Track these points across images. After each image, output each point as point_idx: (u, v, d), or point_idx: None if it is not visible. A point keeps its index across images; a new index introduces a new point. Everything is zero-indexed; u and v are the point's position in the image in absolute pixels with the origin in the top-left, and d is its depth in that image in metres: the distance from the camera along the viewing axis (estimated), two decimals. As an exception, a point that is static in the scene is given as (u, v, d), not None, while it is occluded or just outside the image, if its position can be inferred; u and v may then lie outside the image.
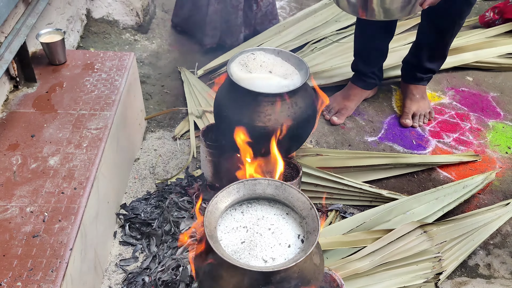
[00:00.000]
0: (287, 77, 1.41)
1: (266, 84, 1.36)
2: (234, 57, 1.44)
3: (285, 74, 1.42)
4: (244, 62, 1.45)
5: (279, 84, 1.37)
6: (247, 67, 1.43)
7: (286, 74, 1.42)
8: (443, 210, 1.68)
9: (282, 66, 1.45)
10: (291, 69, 1.44)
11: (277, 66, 1.44)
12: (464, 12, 1.83)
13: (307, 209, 1.09)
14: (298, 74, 1.43)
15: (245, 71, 1.41)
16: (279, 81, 1.38)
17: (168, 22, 2.75)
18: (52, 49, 1.71)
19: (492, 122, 2.16)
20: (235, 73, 1.39)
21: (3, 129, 1.48)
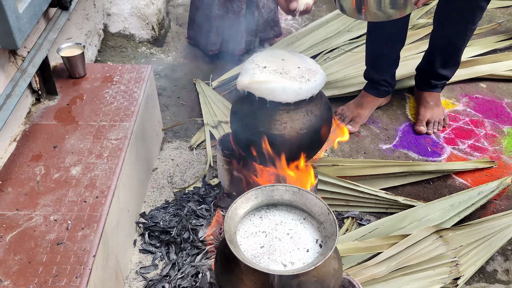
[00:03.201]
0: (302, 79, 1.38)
1: (281, 89, 1.33)
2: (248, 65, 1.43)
3: (301, 76, 1.39)
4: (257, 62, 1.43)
5: (295, 90, 1.35)
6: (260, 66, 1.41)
7: (302, 76, 1.39)
8: (459, 215, 1.68)
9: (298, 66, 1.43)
10: (306, 70, 1.42)
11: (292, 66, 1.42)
12: (476, 17, 1.85)
13: (325, 214, 1.11)
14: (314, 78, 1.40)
15: (259, 72, 1.39)
16: (295, 86, 1.36)
17: (182, 35, 2.80)
18: (72, 63, 1.76)
19: (507, 128, 2.16)
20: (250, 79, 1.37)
21: (26, 141, 1.53)
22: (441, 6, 1.90)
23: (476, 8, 1.81)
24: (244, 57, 2.50)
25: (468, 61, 2.48)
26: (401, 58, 2.28)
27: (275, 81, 1.34)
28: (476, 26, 1.90)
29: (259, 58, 1.44)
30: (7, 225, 1.26)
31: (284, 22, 2.94)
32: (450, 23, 1.89)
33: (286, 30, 2.84)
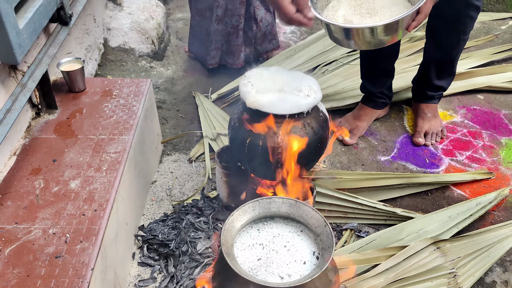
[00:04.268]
0: (300, 94, 1.42)
1: (280, 103, 1.37)
2: (246, 79, 1.47)
3: (298, 91, 1.43)
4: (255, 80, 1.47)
5: (293, 104, 1.39)
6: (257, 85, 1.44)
7: (299, 92, 1.43)
8: (457, 227, 1.68)
9: (294, 84, 1.46)
10: (303, 86, 1.45)
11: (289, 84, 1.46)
12: (467, 27, 1.87)
13: (322, 226, 1.12)
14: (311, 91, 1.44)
15: (255, 90, 1.43)
16: (292, 100, 1.39)
17: (182, 49, 2.83)
18: (72, 77, 1.78)
19: (505, 140, 2.17)
20: (248, 93, 1.41)
21: (26, 155, 1.54)
22: (432, 18, 1.93)
23: (466, 18, 1.83)
24: (243, 70, 2.52)
25: (466, 73, 2.50)
26: (398, 70, 2.31)
27: (275, 94, 1.38)
28: (468, 36, 1.92)
29: (256, 80, 1.47)
30: (6, 239, 1.27)
31: (282, 35, 2.97)
32: (442, 34, 1.91)
33: (285, 44, 2.86)
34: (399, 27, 1.41)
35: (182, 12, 3.30)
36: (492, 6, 3.16)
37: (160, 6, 2.74)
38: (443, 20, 1.86)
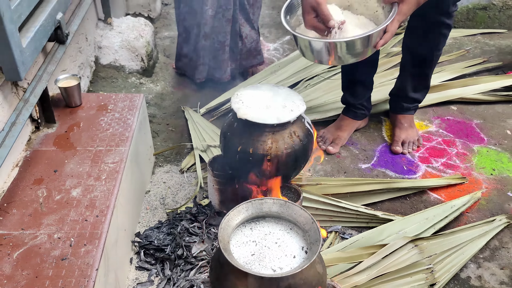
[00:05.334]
0: (286, 108, 1.55)
1: (267, 114, 1.50)
2: (237, 94, 1.60)
3: (284, 105, 1.56)
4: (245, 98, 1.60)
5: (279, 115, 1.52)
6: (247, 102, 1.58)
7: (285, 105, 1.56)
8: (434, 227, 1.81)
9: (280, 99, 1.60)
10: (288, 101, 1.59)
11: (275, 101, 1.60)
12: (440, 43, 2.02)
13: (309, 223, 1.23)
14: (295, 106, 1.57)
15: (245, 106, 1.56)
16: (278, 114, 1.52)
17: (170, 65, 2.94)
18: (69, 93, 1.88)
19: (476, 147, 2.32)
20: (239, 108, 1.53)
21: (28, 166, 1.62)
22: (407, 35, 2.08)
23: (439, 35, 1.99)
24: (230, 84, 2.64)
25: (440, 86, 2.66)
26: (376, 84, 2.46)
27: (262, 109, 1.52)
28: (441, 51, 2.08)
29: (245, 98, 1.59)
30: (14, 244, 1.35)
31: (266, 52, 3.10)
32: (417, 51, 2.06)
33: (269, 60, 3.00)
34: (367, 44, 1.53)
35: (169, 31, 3.42)
36: (463, 23, 3.35)
37: (148, 25, 2.85)
38: (418, 37, 2.01)
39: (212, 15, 2.43)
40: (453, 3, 1.91)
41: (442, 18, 1.94)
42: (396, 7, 1.52)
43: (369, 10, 1.66)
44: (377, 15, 1.64)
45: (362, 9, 1.66)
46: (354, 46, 1.51)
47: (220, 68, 2.60)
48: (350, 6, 1.68)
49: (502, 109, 2.58)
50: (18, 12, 1.52)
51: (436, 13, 1.90)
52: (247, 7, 2.52)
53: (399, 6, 1.52)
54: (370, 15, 1.66)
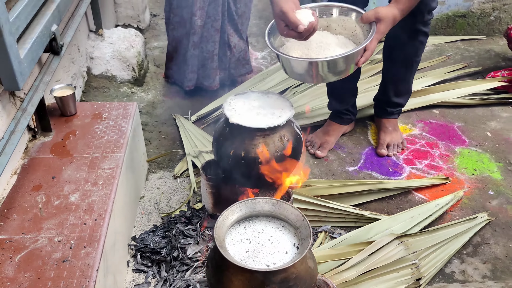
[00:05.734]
0: (274, 114, 1.63)
1: (257, 121, 1.57)
2: (229, 100, 1.67)
3: (273, 113, 1.64)
4: (236, 105, 1.67)
5: (269, 121, 1.59)
6: (239, 109, 1.65)
7: (274, 112, 1.64)
8: (419, 226, 1.89)
9: (269, 106, 1.67)
10: (277, 107, 1.66)
11: (265, 107, 1.67)
12: (419, 50, 2.12)
13: (300, 220, 1.30)
14: (284, 111, 1.65)
15: (237, 112, 1.63)
16: (269, 118, 1.60)
17: (160, 75, 3.01)
18: (65, 102, 1.93)
19: (458, 149, 2.42)
20: (231, 115, 1.60)
21: (26, 173, 1.67)
22: (387, 44, 2.18)
23: (417, 43, 2.09)
24: (219, 91, 2.71)
25: (422, 90, 2.76)
26: (361, 90, 2.55)
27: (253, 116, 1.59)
28: (420, 58, 2.17)
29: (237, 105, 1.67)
30: (15, 247, 1.40)
31: (254, 61, 3.18)
32: (397, 58, 2.16)
33: (257, 68, 3.08)
34: (349, 62, 1.62)
35: (158, 41, 3.49)
36: (444, 30, 3.47)
37: (139, 35, 2.92)
38: (397, 45, 2.11)
39: (201, 25, 2.51)
40: (428, 12, 2.01)
41: (419, 26, 2.03)
42: (375, 27, 1.61)
43: (347, 30, 1.74)
44: (355, 34, 1.72)
45: (340, 29, 1.75)
46: (336, 64, 1.59)
47: (209, 76, 2.67)
48: (329, 27, 1.76)
49: (482, 112, 2.68)
50: (16, 25, 1.57)
51: (413, 22, 1.99)
52: (235, 17, 2.60)
53: (377, 26, 1.61)
54: (349, 35, 1.74)
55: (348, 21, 1.73)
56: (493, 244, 1.88)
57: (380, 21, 1.61)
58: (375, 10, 1.62)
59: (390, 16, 1.61)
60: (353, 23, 1.72)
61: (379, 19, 1.61)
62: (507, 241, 1.89)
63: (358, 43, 1.69)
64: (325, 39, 1.67)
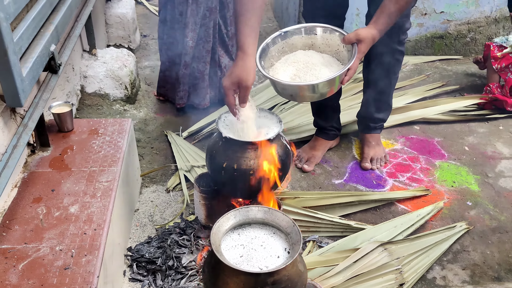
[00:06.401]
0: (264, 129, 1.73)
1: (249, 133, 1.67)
2: (220, 117, 1.76)
3: (263, 127, 1.74)
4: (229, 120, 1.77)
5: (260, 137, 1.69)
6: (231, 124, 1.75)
7: (264, 127, 1.74)
8: (402, 234, 1.99)
9: (260, 121, 1.78)
10: (267, 122, 1.77)
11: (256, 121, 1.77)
12: (396, 67, 2.26)
13: (291, 226, 1.39)
14: (273, 126, 1.76)
15: (230, 128, 1.73)
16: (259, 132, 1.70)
17: (151, 93, 3.10)
18: (62, 119, 2.00)
19: (438, 162, 2.54)
20: (224, 129, 1.70)
21: (26, 186, 1.74)
22: (366, 63, 2.31)
23: (394, 61, 2.22)
24: (209, 109, 2.81)
25: (403, 107, 2.90)
26: (345, 107, 2.68)
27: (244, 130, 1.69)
28: (398, 74, 2.32)
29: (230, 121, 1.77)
30: (18, 256, 1.46)
31: (242, 79, 3.29)
32: (375, 75, 2.28)
33: (245, 86, 3.18)
34: (334, 82, 1.74)
35: (148, 61, 3.59)
36: (423, 50, 3.64)
37: (131, 55, 3.01)
38: (375, 64, 2.24)
39: (193, 46, 2.62)
40: (403, 33, 2.16)
41: (395, 46, 2.17)
42: (356, 47, 1.74)
43: (331, 48, 1.86)
44: (339, 52, 1.85)
45: (324, 48, 1.87)
46: (323, 86, 1.70)
47: (200, 95, 2.77)
48: (314, 45, 1.88)
49: (460, 127, 2.82)
50: (19, 45, 1.66)
51: (389, 42, 2.12)
52: (226, 39, 2.72)
53: (358, 46, 1.74)
54: (333, 52, 1.86)
55: (331, 40, 1.85)
56: (471, 251, 1.99)
57: (361, 42, 1.73)
58: (355, 32, 1.75)
59: (369, 36, 1.74)
60: (336, 41, 1.84)
61: (359, 40, 1.73)
62: (484, 248, 2.00)
63: (342, 61, 1.81)
64: (311, 59, 1.78)
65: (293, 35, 1.86)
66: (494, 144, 2.68)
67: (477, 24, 3.55)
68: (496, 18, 3.52)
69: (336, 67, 1.78)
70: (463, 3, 3.44)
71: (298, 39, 1.86)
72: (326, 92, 1.75)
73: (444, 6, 3.44)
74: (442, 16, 3.49)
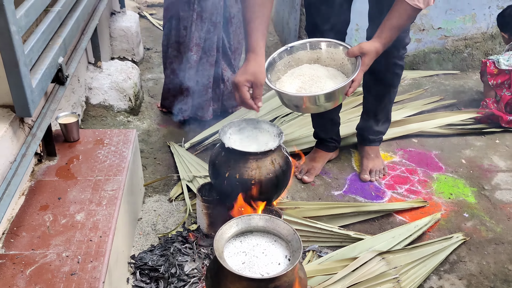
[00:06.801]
0: (266, 140, 1.80)
1: (251, 145, 1.74)
2: (224, 128, 1.82)
3: (265, 138, 1.81)
4: (231, 131, 1.83)
5: (261, 146, 1.76)
6: (234, 135, 1.81)
7: (266, 138, 1.81)
8: (400, 245, 2.03)
9: (261, 132, 1.84)
10: (269, 134, 1.83)
11: (257, 133, 1.83)
12: (395, 81, 2.32)
13: (291, 234, 1.43)
14: (274, 137, 1.81)
15: (232, 139, 1.79)
16: (261, 143, 1.76)
17: (154, 105, 3.16)
18: (69, 129, 2.06)
19: (436, 175, 2.59)
20: (227, 140, 1.76)
21: (33, 194, 1.78)
22: (367, 77, 2.37)
23: (393, 75, 2.28)
24: (212, 121, 2.87)
25: (402, 121, 2.95)
26: (344, 120, 2.73)
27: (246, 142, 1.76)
28: (397, 88, 2.37)
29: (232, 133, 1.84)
30: (26, 262, 1.50)
31: (244, 92, 3.36)
32: (375, 89, 2.35)
33: (246, 99, 3.24)
34: (339, 94, 1.80)
35: (151, 73, 3.66)
36: (421, 65, 3.71)
37: (135, 68, 3.08)
38: (375, 78, 2.30)
39: (197, 60, 2.69)
40: (403, 48, 2.22)
41: (394, 60, 2.23)
42: (360, 60, 1.80)
43: (336, 61, 1.93)
44: (343, 65, 1.91)
45: (329, 61, 1.94)
46: (328, 97, 1.76)
47: (203, 107, 2.83)
48: (319, 59, 1.95)
49: (457, 141, 2.88)
50: (30, 57, 1.71)
51: (389, 56, 2.18)
52: (229, 53, 2.79)
53: (362, 59, 1.80)
54: (337, 66, 1.93)
55: (336, 54, 1.92)
56: (468, 261, 2.03)
57: (365, 55, 1.79)
58: (359, 45, 1.81)
59: (373, 49, 1.80)
60: (340, 55, 1.90)
61: (363, 53, 1.79)
62: (480, 259, 2.04)
63: (346, 73, 1.87)
64: (316, 72, 1.85)
65: (299, 50, 1.93)
66: (490, 157, 2.73)
67: (474, 40, 3.62)
68: (492, 34, 3.59)
69: (341, 79, 1.85)
70: (460, 19, 3.52)
71: (303, 53, 1.93)
72: (330, 104, 1.81)
73: (441, 22, 3.53)
74: (440, 32, 3.57)
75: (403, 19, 1.79)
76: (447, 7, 3.46)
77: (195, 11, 2.60)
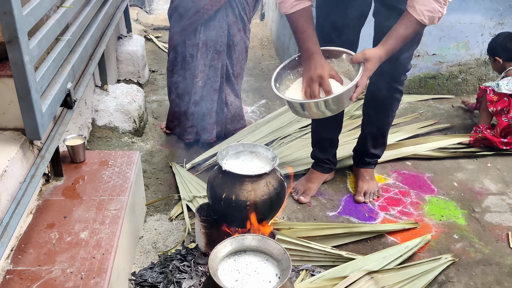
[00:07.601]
0: (261, 163, 1.90)
1: (247, 168, 1.84)
2: (222, 151, 1.92)
3: (260, 162, 1.91)
4: (228, 154, 1.94)
5: (257, 169, 1.86)
6: (231, 158, 1.92)
7: (261, 161, 1.91)
8: (390, 265, 2.11)
9: (257, 156, 1.94)
10: (264, 157, 1.93)
11: (253, 157, 1.94)
12: (394, 106, 2.42)
13: (282, 254, 1.52)
14: (269, 161, 1.92)
15: (229, 162, 1.90)
16: (256, 166, 1.87)
17: (158, 126, 3.27)
18: (75, 151, 2.17)
19: (428, 197, 2.67)
20: (224, 164, 1.86)
21: (40, 213, 1.88)
22: (366, 101, 2.48)
23: (393, 100, 2.39)
24: (214, 144, 2.97)
25: (396, 144, 3.05)
26: (341, 142, 2.82)
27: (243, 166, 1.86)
28: (395, 113, 2.48)
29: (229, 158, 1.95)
30: (32, 277, 1.59)
31: (245, 114, 3.47)
32: (374, 113, 2.45)
33: (247, 121, 3.35)
34: (344, 99, 1.91)
35: (156, 95, 3.78)
36: (416, 89, 3.82)
37: (140, 91, 3.21)
38: (375, 102, 2.41)
39: (202, 85, 2.81)
40: (404, 73, 2.32)
41: (395, 85, 2.34)
42: (363, 66, 1.90)
43: (342, 68, 2.05)
44: (349, 72, 2.03)
45: (336, 68, 2.05)
46: (333, 102, 1.88)
47: (207, 130, 2.94)
48: None
49: (450, 164, 2.97)
50: (41, 84, 1.83)
51: (390, 81, 2.29)
52: (232, 79, 2.92)
53: (365, 65, 1.90)
54: (344, 72, 2.04)
55: (342, 62, 2.03)
56: (456, 282, 2.10)
57: (368, 60, 1.90)
58: (362, 52, 1.92)
59: (376, 56, 1.90)
60: (346, 62, 2.03)
61: (366, 59, 1.90)
62: (468, 280, 2.11)
63: (351, 79, 1.98)
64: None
65: None
66: (482, 180, 2.81)
67: (468, 65, 3.74)
68: (485, 60, 3.70)
69: (345, 85, 1.96)
70: (454, 46, 3.64)
71: None
72: (335, 108, 1.93)
73: (436, 48, 3.65)
74: (434, 58, 3.69)
75: (409, 30, 1.89)
76: (441, 35, 3.59)
77: (200, 40, 2.73)
